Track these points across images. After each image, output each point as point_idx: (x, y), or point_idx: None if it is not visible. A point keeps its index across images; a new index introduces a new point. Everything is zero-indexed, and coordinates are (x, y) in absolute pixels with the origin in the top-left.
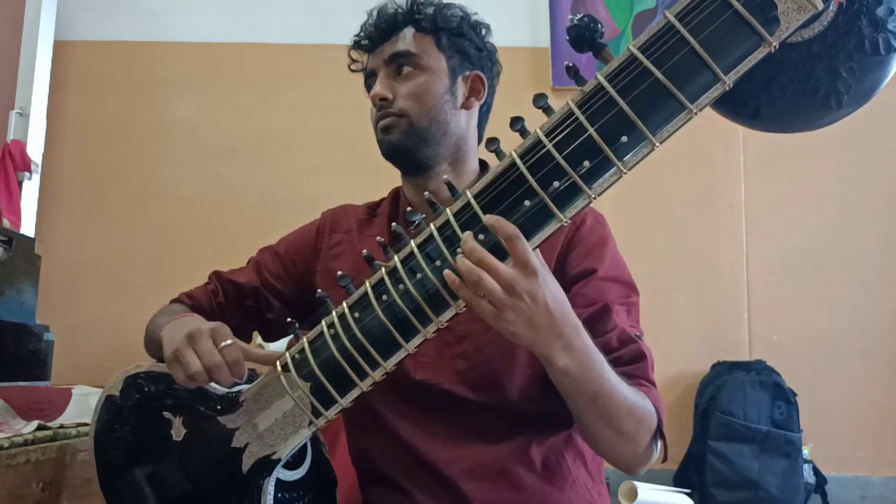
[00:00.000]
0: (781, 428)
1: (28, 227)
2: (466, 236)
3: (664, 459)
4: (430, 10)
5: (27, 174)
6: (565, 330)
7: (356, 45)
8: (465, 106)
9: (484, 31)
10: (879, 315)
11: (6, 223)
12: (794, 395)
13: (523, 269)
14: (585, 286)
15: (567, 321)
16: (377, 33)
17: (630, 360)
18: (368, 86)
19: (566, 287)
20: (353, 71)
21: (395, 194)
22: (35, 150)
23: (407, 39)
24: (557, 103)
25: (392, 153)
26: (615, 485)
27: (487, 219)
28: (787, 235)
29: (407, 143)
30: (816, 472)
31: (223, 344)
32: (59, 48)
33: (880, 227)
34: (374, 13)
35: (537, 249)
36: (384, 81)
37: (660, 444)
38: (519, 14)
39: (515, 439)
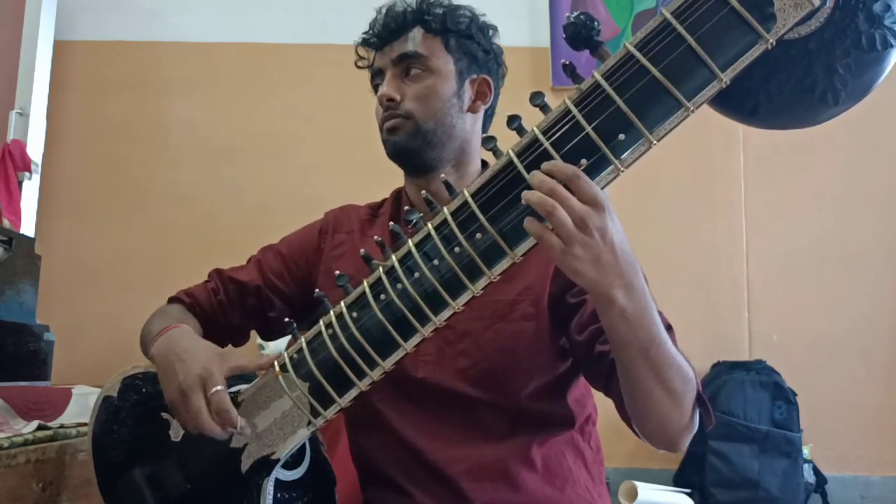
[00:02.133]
0: (781, 428)
1: (28, 227)
2: (534, 173)
3: (707, 426)
4: (439, 11)
5: (27, 174)
6: (627, 269)
7: (364, 42)
8: (472, 109)
9: (491, 33)
10: (879, 315)
11: (6, 223)
12: (795, 394)
13: (594, 205)
14: None
15: (629, 261)
16: (385, 32)
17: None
18: (375, 84)
19: (572, 283)
20: (359, 68)
21: (397, 195)
22: (35, 150)
23: (416, 40)
24: (558, 103)
25: (397, 154)
26: (615, 485)
27: (546, 165)
28: (787, 235)
29: (412, 145)
30: (816, 471)
31: (211, 391)
32: (59, 48)
33: (880, 226)
34: (384, 11)
35: (605, 190)
36: (392, 82)
37: (698, 413)
38: (519, 14)
39: (516, 439)
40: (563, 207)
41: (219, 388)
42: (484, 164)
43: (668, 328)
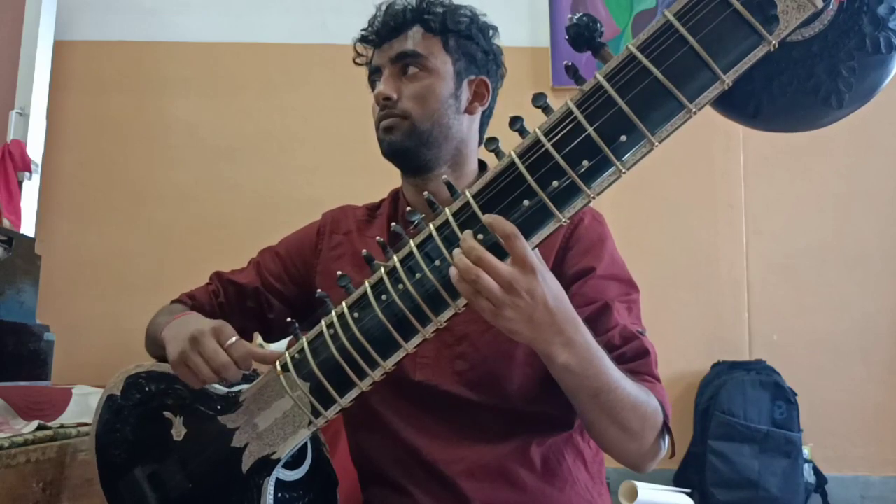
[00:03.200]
0: (781, 428)
1: (28, 227)
2: (465, 235)
3: (672, 455)
4: (439, 11)
5: (27, 174)
6: (565, 327)
7: (363, 39)
8: (469, 111)
9: (491, 34)
10: (879, 315)
11: (6, 223)
12: (795, 394)
13: (522, 268)
14: (584, 285)
15: (567, 318)
16: (385, 30)
17: (633, 356)
18: (372, 81)
19: (565, 286)
20: (357, 64)
21: (395, 195)
22: (35, 150)
23: (415, 39)
24: (557, 103)
25: (392, 153)
26: (615, 485)
27: (486, 218)
28: (787, 235)
29: (408, 145)
30: (816, 471)
31: (228, 342)
32: (59, 48)
33: (881, 226)
34: (383, 8)
35: (536, 248)
36: (389, 81)
37: (667, 439)
38: (519, 14)
39: (515, 440)
40: (489, 273)
41: (234, 339)
42: (481, 164)
43: (644, 354)
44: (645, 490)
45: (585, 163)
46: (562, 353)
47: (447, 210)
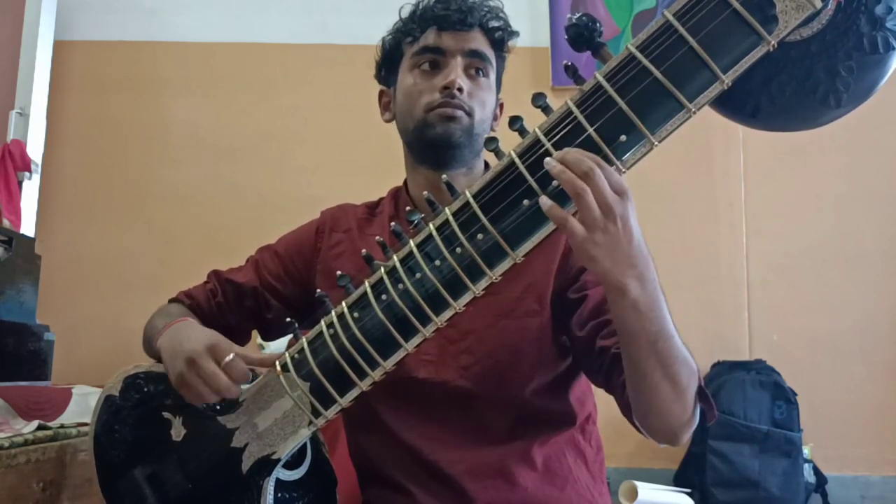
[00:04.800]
0: (782, 427)
1: (28, 227)
2: (568, 150)
3: (710, 420)
4: (499, 24)
5: (27, 174)
6: (640, 260)
7: (432, 14)
8: (492, 128)
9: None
10: (879, 315)
11: (6, 223)
12: (795, 394)
13: (620, 193)
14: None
15: (643, 253)
16: (458, 16)
17: None
18: (429, 59)
19: (574, 279)
20: (400, 33)
21: (395, 193)
22: (35, 150)
23: (485, 44)
24: (557, 103)
25: (444, 143)
26: (615, 484)
27: (564, 153)
28: (787, 235)
29: (462, 141)
30: (817, 471)
31: (226, 360)
32: (59, 48)
33: (881, 226)
34: None
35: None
36: (463, 75)
37: (699, 408)
38: (519, 14)
39: (518, 439)
40: (593, 191)
41: (231, 356)
42: (487, 165)
43: None
44: (645, 490)
45: None
46: (634, 287)
47: (447, 210)
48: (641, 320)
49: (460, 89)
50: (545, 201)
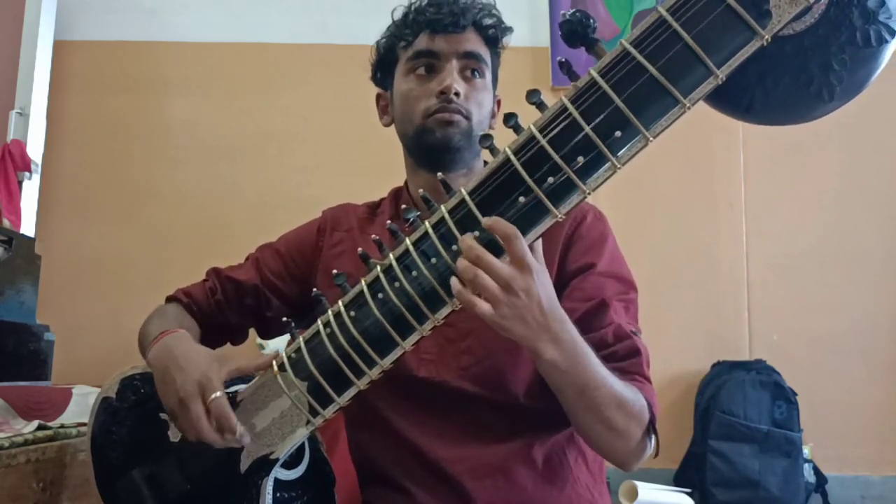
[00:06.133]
0: (782, 427)
1: (28, 227)
2: (465, 236)
3: (656, 454)
4: (493, 22)
5: (27, 174)
6: (553, 324)
7: (425, 17)
8: (491, 126)
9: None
10: (879, 315)
11: (6, 223)
12: (795, 394)
13: (520, 268)
14: (584, 281)
15: (556, 316)
16: (450, 18)
17: (625, 355)
18: (425, 64)
19: (566, 282)
20: (395, 37)
21: (396, 193)
22: (35, 150)
23: (474, 42)
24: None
25: (443, 147)
26: (616, 484)
27: (486, 221)
28: (788, 235)
29: (462, 144)
30: (817, 471)
31: (211, 398)
32: (59, 48)
33: (881, 226)
34: None
35: (537, 242)
36: (459, 78)
37: (653, 439)
38: (519, 14)
39: (518, 438)
40: (488, 273)
41: (217, 394)
42: (485, 164)
43: (636, 353)
44: (645, 490)
45: (581, 159)
46: (548, 350)
47: (443, 208)
48: (563, 377)
49: (457, 93)
50: (455, 284)
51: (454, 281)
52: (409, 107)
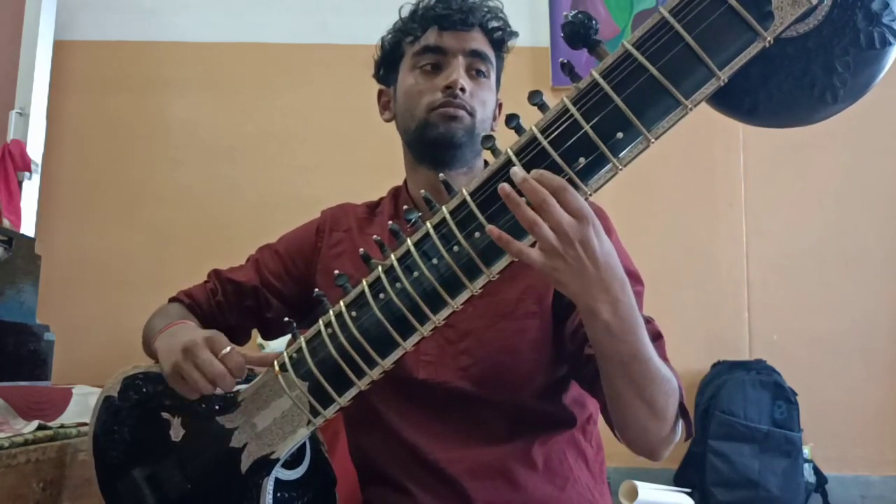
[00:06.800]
0: (782, 427)
1: (28, 227)
2: (525, 178)
3: (686, 438)
4: (499, 24)
5: (27, 174)
6: (613, 284)
7: (433, 13)
8: (492, 128)
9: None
10: (880, 315)
11: (6, 223)
12: (795, 394)
13: (578, 218)
14: None
15: (615, 276)
16: (459, 15)
17: (652, 338)
18: (431, 60)
19: None
20: (400, 32)
21: (395, 193)
22: (35, 150)
23: (485, 44)
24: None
25: (446, 143)
26: (616, 484)
27: (534, 173)
28: (788, 235)
29: (464, 140)
30: (817, 471)
31: (223, 352)
32: (59, 48)
33: (881, 226)
34: None
35: (592, 199)
36: (465, 74)
37: (681, 424)
38: (519, 14)
39: (518, 439)
40: (547, 220)
41: (228, 348)
42: (486, 164)
43: (658, 336)
44: (645, 490)
45: (582, 160)
46: (605, 311)
47: (444, 208)
48: (614, 343)
49: (462, 89)
50: (493, 230)
51: (490, 227)
52: (413, 101)
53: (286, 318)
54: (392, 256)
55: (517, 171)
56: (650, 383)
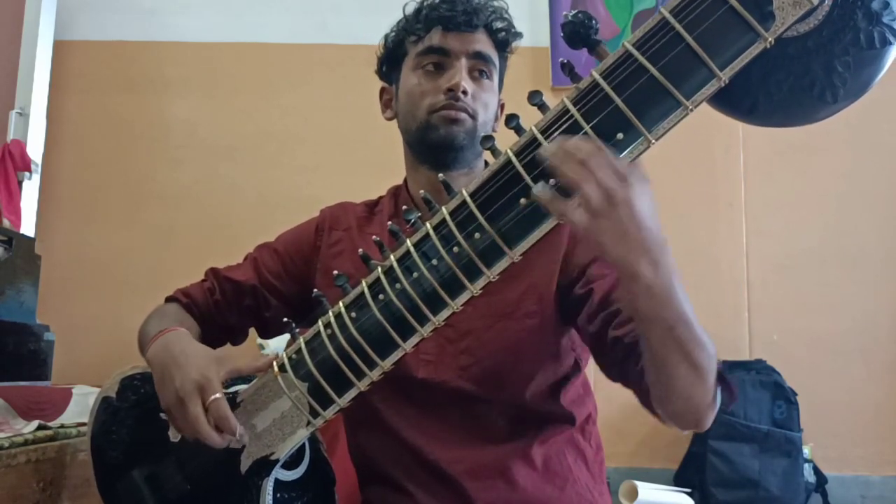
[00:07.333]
0: (782, 427)
1: (28, 227)
2: (566, 139)
3: (727, 407)
4: (503, 25)
5: (27, 174)
6: (654, 246)
7: (438, 13)
8: (494, 129)
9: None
10: (880, 315)
11: (6, 223)
12: (795, 394)
13: (620, 179)
14: (600, 259)
15: (657, 238)
16: (464, 17)
17: None
18: (434, 61)
19: (578, 276)
20: (405, 31)
21: (395, 192)
22: (35, 150)
23: (484, 43)
24: (556, 103)
25: (447, 145)
26: (616, 484)
27: (555, 142)
28: (788, 235)
29: (465, 143)
30: (817, 471)
31: (210, 399)
32: (59, 48)
33: (881, 226)
34: None
35: (639, 159)
36: (467, 77)
37: (718, 391)
38: (519, 14)
39: (518, 439)
40: (591, 179)
41: (217, 395)
42: (486, 165)
43: None
44: (645, 490)
45: None
46: (647, 272)
47: (444, 209)
48: (657, 307)
49: (465, 92)
50: (543, 192)
51: (539, 187)
52: (415, 102)
53: (285, 319)
54: (392, 257)
55: (552, 143)
56: (694, 346)
